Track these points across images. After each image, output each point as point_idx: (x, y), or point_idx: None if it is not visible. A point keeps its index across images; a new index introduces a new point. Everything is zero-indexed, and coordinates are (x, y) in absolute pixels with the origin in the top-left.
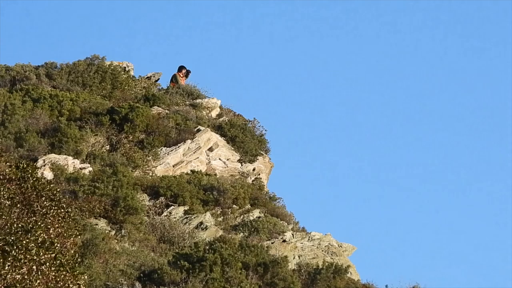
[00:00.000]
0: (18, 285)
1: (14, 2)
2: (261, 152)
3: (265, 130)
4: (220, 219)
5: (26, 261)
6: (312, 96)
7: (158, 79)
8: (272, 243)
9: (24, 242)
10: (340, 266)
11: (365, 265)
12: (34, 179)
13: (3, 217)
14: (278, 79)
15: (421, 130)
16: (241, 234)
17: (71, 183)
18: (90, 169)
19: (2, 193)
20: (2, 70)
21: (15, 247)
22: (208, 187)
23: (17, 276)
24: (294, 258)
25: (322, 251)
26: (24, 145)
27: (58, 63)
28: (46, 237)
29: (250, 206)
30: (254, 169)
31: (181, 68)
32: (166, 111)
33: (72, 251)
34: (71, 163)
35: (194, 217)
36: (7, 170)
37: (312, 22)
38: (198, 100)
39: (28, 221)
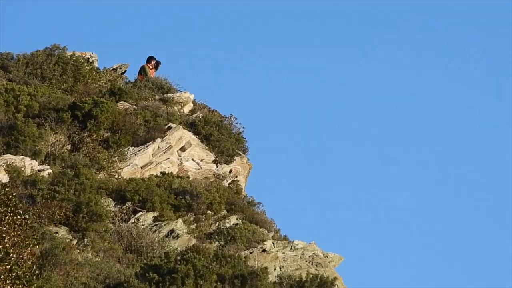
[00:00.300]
0: None
1: None
2: (239, 152)
3: (243, 128)
4: (193, 226)
5: None
6: (295, 91)
7: (125, 71)
8: (250, 253)
9: None
10: (325, 278)
11: (354, 277)
12: None
13: None
14: (257, 71)
15: (406, 135)
16: (217, 243)
17: (29, 186)
18: (50, 171)
19: None
20: None
21: None
22: (180, 191)
23: None
24: (275, 269)
25: (306, 261)
26: None
27: (15, 54)
28: (0, 247)
29: (226, 212)
30: (230, 171)
31: (150, 59)
32: (134, 106)
33: (30, 262)
34: (29, 165)
35: (165, 224)
36: None
37: (292, 16)
38: (169, 95)
39: None
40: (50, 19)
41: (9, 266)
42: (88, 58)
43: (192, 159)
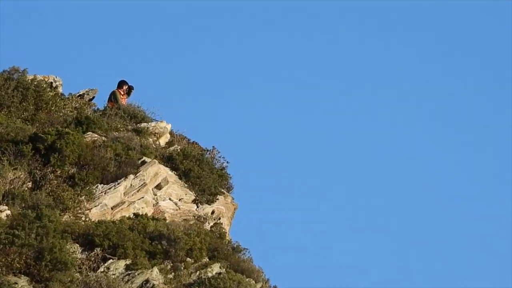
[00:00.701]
0: None
1: None
2: (222, 190)
3: (227, 163)
4: (170, 275)
5: None
6: (285, 119)
7: (93, 97)
8: None
9: None
10: None
11: None
12: None
13: None
14: (240, 98)
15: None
16: None
17: None
18: (8, 212)
19: None
20: None
21: None
22: (155, 235)
23: None
24: None
25: None
26: None
27: None
28: None
29: (208, 260)
30: (213, 212)
31: (121, 83)
32: (103, 138)
33: None
34: None
35: (138, 274)
36: None
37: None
38: (143, 124)
39: None
40: (7, 38)
41: None
42: (52, 83)
43: (170, 199)
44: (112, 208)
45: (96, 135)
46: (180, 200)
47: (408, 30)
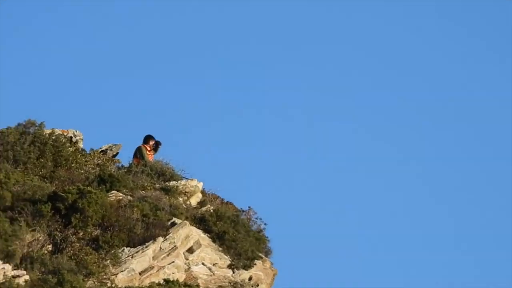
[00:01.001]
0: None
1: None
2: (260, 254)
3: (265, 224)
4: None
5: None
6: (325, 176)
7: (117, 153)
8: None
9: None
10: None
11: None
12: None
13: None
14: (279, 155)
15: None
16: None
17: None
18: (27, 277)
19: None
20: None
21: None
22: None
23: None
24: None
25: None
26: None
27: None
28: None
29: None
30: (250, 278)
31: (148, 138)
32: (129, 197)
33: None
34: (0, 269)
35: None
36: None
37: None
38: (172, 183)
39: None
40: (23, 89)
41: None
42: (71, 137)
43: (203, 263)
44: (140, 274)
45: (121, 194)
46: (214, 265)
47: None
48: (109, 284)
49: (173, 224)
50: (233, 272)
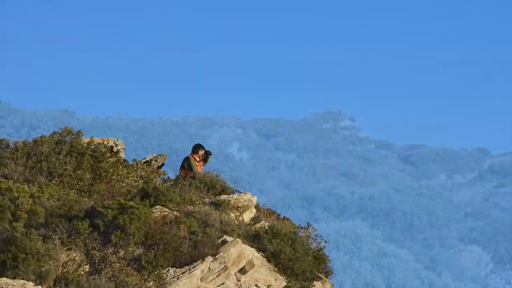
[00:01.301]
0: None
1: None
2: (320, 275)
3: (325, 242)
4: None
5: None
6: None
7: (163, 164)
8: None
9: None
10: None
11: None
12: None
13: None
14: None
15: None
16: None
17: None
18: None
19: None
20: None
21: None
22: None
23: None
24: None
25: None
26: None
27: (11, 141)
28: None
29: None
30: None
31: (197, 148)
32: (175, 212)
33: None
34: None
35: None
36: None
37: None
38: (223, 197)
39: None
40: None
41: None
42: (112, 147)
43: (256, 285)
44: None
45: (167, 210)
46: (268, 286)
47: None
48: None
49: (224, 242)
50: None
